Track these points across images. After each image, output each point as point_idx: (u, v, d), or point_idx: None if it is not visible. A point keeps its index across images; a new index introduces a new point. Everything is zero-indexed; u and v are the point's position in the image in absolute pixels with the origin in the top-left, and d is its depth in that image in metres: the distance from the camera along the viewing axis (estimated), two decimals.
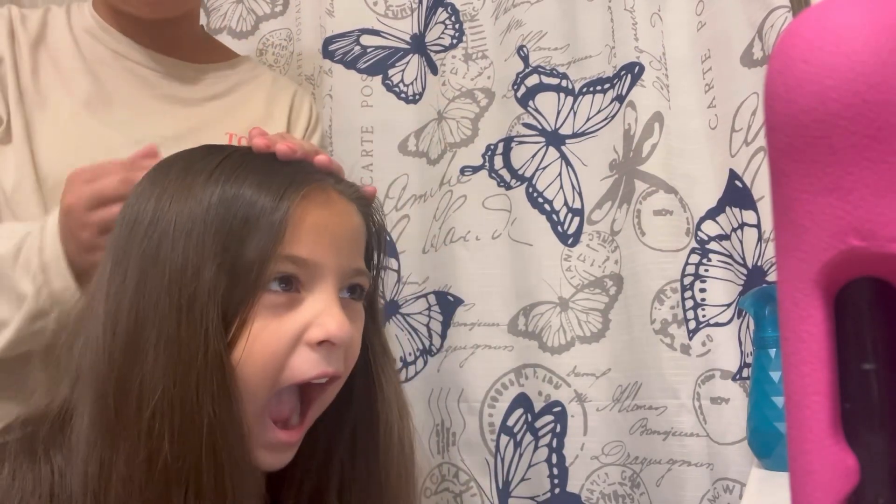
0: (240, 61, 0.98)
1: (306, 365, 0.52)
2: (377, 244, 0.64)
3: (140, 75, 0.86)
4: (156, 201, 0.52)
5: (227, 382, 0.49)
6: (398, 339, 1.13)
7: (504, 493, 1.05)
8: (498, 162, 1.12)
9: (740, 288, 0.94)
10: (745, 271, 0.93)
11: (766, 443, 0.75)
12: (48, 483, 0.49)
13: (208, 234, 0.50)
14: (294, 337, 0.52)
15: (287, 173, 0.54)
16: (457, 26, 1.17)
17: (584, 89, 1.08)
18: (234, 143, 0.88)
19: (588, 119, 1.08)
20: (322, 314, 0.52)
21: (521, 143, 1.10)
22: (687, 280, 0.97)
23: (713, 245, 0.97)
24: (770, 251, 0.89)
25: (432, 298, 1.12)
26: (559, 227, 1.07)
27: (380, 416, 0.61)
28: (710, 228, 0.97)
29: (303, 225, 0.53)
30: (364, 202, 0.61)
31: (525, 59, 1.11)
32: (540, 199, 1.08)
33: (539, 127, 1.10)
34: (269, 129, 0.92)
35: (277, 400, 0.54)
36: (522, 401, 1.06)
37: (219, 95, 0.91)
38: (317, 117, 1.00)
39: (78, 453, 0.49)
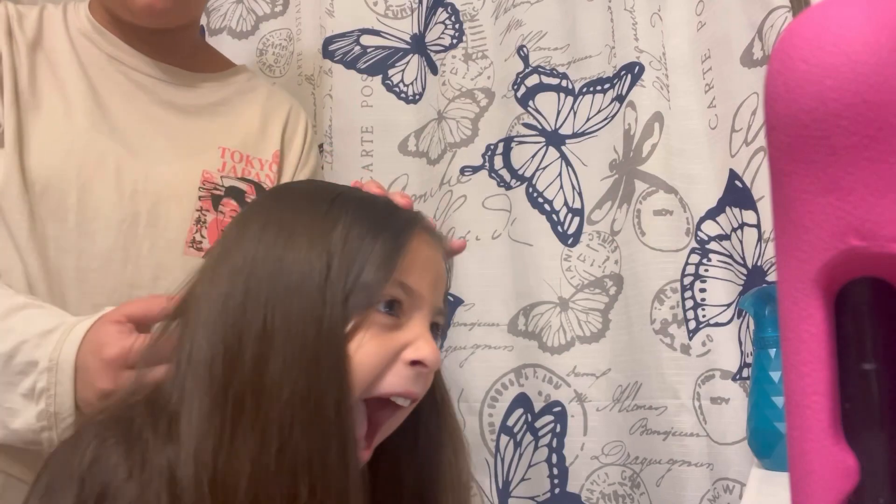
0: (236, 71, 0.97)
1: (399, 380, 0.58)
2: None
3: (135, 80, 0.85)
4: (276, 233, 0.58)
5: (349, 378, 0.55)
6: None
7: (504, 492, 1.05)
8: (498, 162, 1.12)
9: (740, 288, 0.94)
10: (745, 271, 0.93)
11: (766, 443, 0.75)
12: (166, 471, 0.53)
13: (336, 252, 0.56)
14: (394, 352, 0.58)
15: (401, 214, 0.62)
16: (457, 26, 1.17)
17: (584, 89, 1.08)
18: (227, 157, 0.88)
19: (588, 119, 1.08)
20: (419, 339, 0.59)
21: (521, 143, 1.10)
22: (687, 280, 0.97)
23: (713, 245, 0.97)
24: (770, 251, 0.89)
25: None
26: (559, 227, 1.07)
27: (444, 450, 0.68)
28: (710, 228, 0.97)
29: (415, 258, 0.60)
30: (449, 255, 0.69)
31: (525, 59, 1.11)
32: (540, 199, 1.08)
33: (539, 127, 1.10)
34: (264, 144, 0.92)
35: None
36: (522, 401, 1.06)
37: (214, 105, 0.90)
38: (312, 138, 0.99)
39: (189, 445, 0.53)
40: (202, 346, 0.55)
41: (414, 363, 0.58)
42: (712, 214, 0.97)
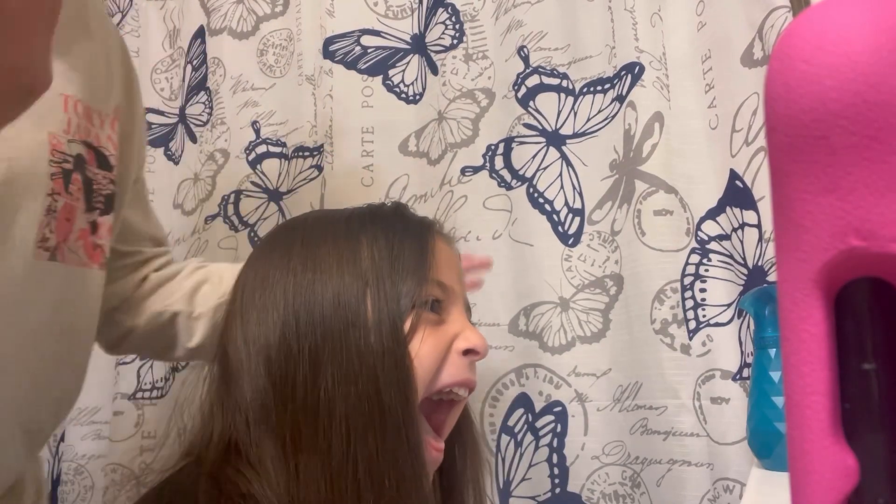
0: None
1: (457, 370, 0.61)
2: None
3: None
4: (301, 257, 0.60)
5: (414, 378, 0.57)
6: None
7: (505, 492, 1.05)
8: (498, 162, 1.12)
9: (740, 288, 0.94)
10: (745, 271, 0.93)
11: (766, 443, 0.75)
12: None
13: (368, 264, 0.59)
14: (447, 346, 0.61)
15: (415, 219, 0.66)
16: (457, 27, 1.17)
17: (585, 89, 1.08)
18: (71, 112, 0.64)
19: (588, 119, 1.08)
20: (465, 329, 0.63)
21: (521, 143, 1.10)
22: (687, 280, 0.97)
23: (713, 245, 0.97)
24: (770, 251, 0.89)
25: None
26: (560, 228, 1.07)
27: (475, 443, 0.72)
28: (710, 228, 0.97)
29: (440, 257, 0.63)
30: (477, 268, 0.74)
31: (525, 59, 1.11)
32: (540, 200, 1.09)
33: (539, 127, 1.10)
34: (105, 93, 0.68)
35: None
36: (523, 401, 1.06)
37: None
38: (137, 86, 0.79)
39: (269, 476, 0.54)
40: (247, 393, 0.57)
41: (467, 352, 0.62)
42: (713, 214, 0.97)
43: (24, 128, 0.59)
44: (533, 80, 1.10)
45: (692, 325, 0.96)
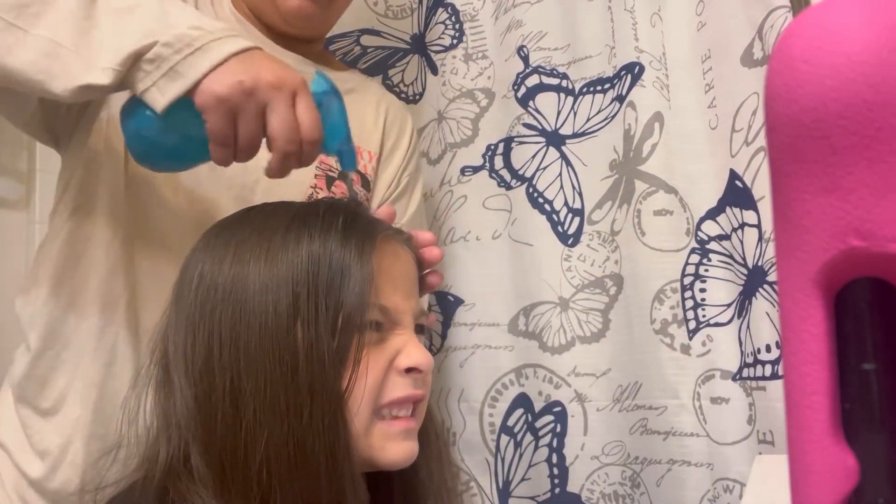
0: (351, 71, 1.01)
1: (399, 388, 0.59)
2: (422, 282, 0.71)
3: None
4: (233, 263, 0.57)
5: (341, 421, 0.54)
6: None
7: (504, 492, 1.05)
8: (498, 162, 1.12)
9: (740, 288, 0.94)
10: (745, 271, 0.93)
11: None
12: None
13: (301, 290, 0.55)
14: (387, 365, 0.59)
15: (361, 228, 0.60)
16: (457, 26, 1.17)
17: (585, 89, 1.08)
18: (364, 157, 0.90)
19: (588, 119, 1.08)
20: (408, 345, 0.60)
21: (521, 143, 1.10)
22: (687, 280, 0.97)
23: (713, 245, 0.97)
24: (770, 251, 0.89)
25: (432, 298, 1.12)
26: (559, 227, 1.07)
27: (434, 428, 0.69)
28: (710, 228, 0.97)
29: (382, 276, 0.59)
30: (414, 247, 0.68)
31: (525, 59, 1.11)
32: (540, 200, 1.08)
33: (539, 127, 1.10)
34: (373, 137, 0.94)
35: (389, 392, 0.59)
36: (523, 401, 1.06)
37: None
38: (416, 144, 1.01)
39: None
40: (178, 405, 0.55)
41: (409, 370, 0.59)
42: (712, 214, 0.97)
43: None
44: (533, 80, 1.10)
45: (692, 325, 0.96)
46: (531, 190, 1.09)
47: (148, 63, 0.59)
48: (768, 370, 0.88)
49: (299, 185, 0.82)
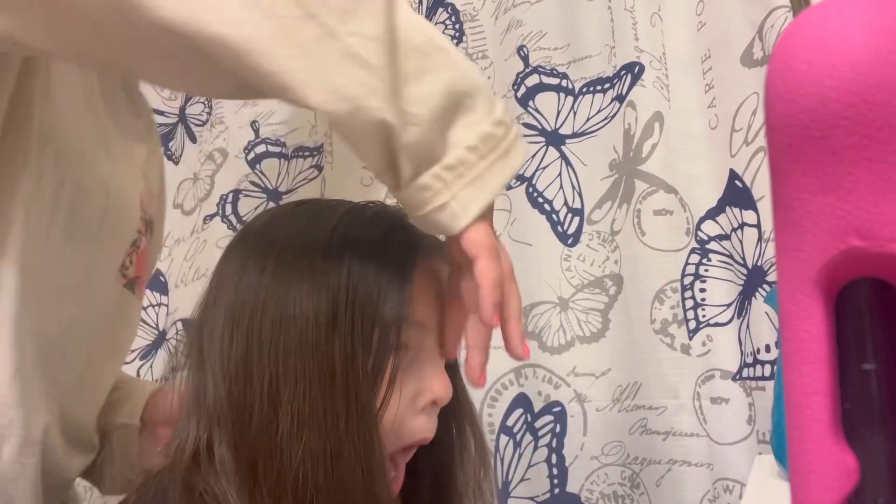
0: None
1: (422, 424, 0.58)
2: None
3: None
4: (277, 263, 0.55)
5: (373, 430, 0.53)
6: None
7: (503, 493, 1.05)
8: None
9: (740, 288, 0.94)
10: (745, 271, 0.93)
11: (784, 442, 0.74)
12: None
13: (340, 301, 0.54)
14: (411, 398, 0.57)
15: (405, 241, 0.58)
16: (457, 26, 1.17)
17: (584, 89, 1.08)
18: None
19: (588, 119, 1.08)
20: (432, 377, 0.58)
21: None
22: (687, 280, 0.97)
23: (713, 245, 0.97)
24: (770, 251, 0.89)
25: None
26: (559, 227, 1.07)
27: (464, 455, 0.67)
28: (710, 228, 0.97)
29: (419, 293, 0.57)
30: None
31: (525, 59, 1.11)
32: (540, 199, 1.08)
33: (539, 127, 1.10)
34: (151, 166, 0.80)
35: None
36: (522, 401, 1.06)
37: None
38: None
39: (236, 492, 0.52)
40: (210, 398, 0.54)
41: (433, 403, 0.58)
42: (712, 214, 0.97)
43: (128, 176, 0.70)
44: (532, 80, 1.10)
45: (692, 325, 0.96)
46: (531, 189, 1.09)
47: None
48: (768, 370, 0.89)
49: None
